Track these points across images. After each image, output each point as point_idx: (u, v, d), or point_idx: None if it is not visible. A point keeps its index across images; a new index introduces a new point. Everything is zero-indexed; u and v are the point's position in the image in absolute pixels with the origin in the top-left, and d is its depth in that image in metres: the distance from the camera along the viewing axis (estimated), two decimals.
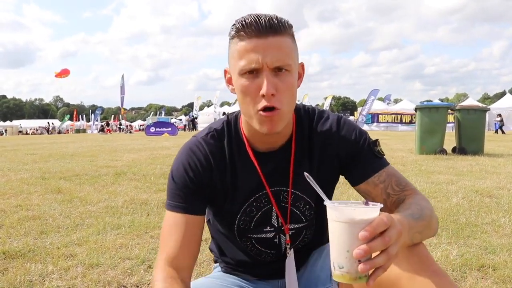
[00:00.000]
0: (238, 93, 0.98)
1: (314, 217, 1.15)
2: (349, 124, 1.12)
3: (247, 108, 0.98)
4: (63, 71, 33.96)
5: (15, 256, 2.32)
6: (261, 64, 0.92)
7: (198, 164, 1.07)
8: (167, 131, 23.72)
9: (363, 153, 1.08)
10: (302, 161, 1.10)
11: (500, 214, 3.23)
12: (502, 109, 27.24)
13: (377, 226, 0.73)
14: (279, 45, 0.93)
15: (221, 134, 1.11)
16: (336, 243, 0.76)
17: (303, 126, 1.11)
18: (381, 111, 32.55)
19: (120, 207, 3.59)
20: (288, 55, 0.95)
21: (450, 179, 4.97)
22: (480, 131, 8.49)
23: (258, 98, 0.94)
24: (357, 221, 0.74)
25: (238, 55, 0.94)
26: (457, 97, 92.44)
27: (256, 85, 0.94)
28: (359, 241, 0.73)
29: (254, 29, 0.92)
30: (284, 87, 0.95)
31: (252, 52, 0.92)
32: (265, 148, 1.09)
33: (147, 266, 2.16)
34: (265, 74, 0.93)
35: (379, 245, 0.73)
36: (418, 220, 0.93)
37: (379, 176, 1.06)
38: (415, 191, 1.07)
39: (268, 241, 1.14)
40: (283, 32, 0.94)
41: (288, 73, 0.95)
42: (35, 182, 5.02)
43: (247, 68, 0.93)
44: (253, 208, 1.11)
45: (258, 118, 0.96)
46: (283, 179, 1.10)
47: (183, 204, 1.05)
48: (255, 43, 0.92)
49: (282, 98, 0.95)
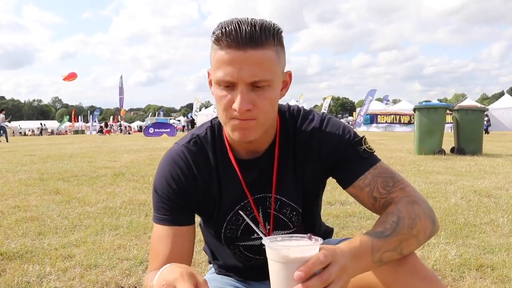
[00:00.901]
0: (215, 98, 0.94)
1: (302, 224, 1.12)
2: (333, 123, 1.07)
3: (221, 115, 0.94)
4: (71, 75, 33.81)
5: (13, 257, 2.31)
6: (236, 79, 0.87)
7: (180, 174, 1.03)
8: (165, 132, 23.73)
9: (347, 154, 1.03)
10: (287, 165, 1.06)
11: (498, 214, 3.23)
12: (500, 109, 27.31)
13: (313, 265, 0.70)
14: (258, 59, 0.87)
15: (204, 140, 1.07)
16: (275, 283, 0.74)
17: (288, 129, 1.07)
18: (379, 111, 32.60)
19: (118, 208, 3.58)
20: (268, 69, 0.89)
21: (449, 179, 4.97)
22: (478, 132, 8.50)
23: (231, 110, 0.90)
24: (292, 260, 0.70)
25: (216, 64, 0.90)
26: (455, 97, 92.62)
27: (231, 97, 0.90)
28: (295, 281, 0.70)
29: (233, 39, 0.86)
30: (262, 102, 0.90)
31: (229, 65, 0.87)
32: (248, 155, 1.05)
33: (145, 267, 2.15)
34: (239, 90, 0.88)
35: (317, 284, 0.70)
36: (388, 238, 0.87)
37: (364, 179, 1.00)
38: (405, 191, 0.99)
39: (256, 248, 1.11)
40: (265, 44, 0.88)
41: (267, 88, 0.90)
42: (33, 183, 5.01)
43: (222, 80, 0.89)
44: (239, 217, 1.08)
45: (231, 124, 0.93)
46: (268, 186, 1.07)
47: (169, 217, 1.02)
48: (232, 56, 0.87)
49: (259, 112, 0.91)
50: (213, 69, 0.92)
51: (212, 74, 0.94)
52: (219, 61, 0.89)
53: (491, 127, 25.67)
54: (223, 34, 0.87)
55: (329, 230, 1.32)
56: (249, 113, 0.89)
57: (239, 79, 0.87)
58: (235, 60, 0.87)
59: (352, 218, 3.15)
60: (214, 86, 0.93)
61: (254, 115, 0.91)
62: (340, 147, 1.03)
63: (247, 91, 0.88)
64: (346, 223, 3.02)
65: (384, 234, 0.87)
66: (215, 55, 0.90)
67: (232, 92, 0.90)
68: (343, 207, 3.49)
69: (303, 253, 0.71)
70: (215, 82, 0.92)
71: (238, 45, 0.86)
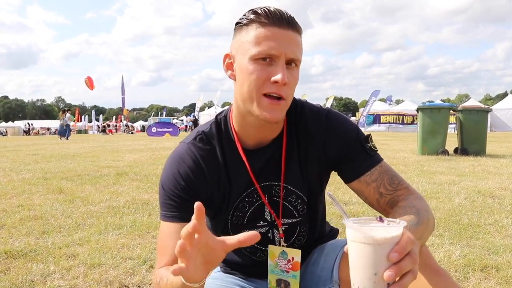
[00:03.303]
0: (244, 76, 0.97)
1: (307, 213, 1.14)
2: (339, 118, 1.10)
3: (250, 91, 0.96)
4: (90, 82, 34.21)
5: (17, 256, 2.32)
6: (280, 52, 0.94)
7: (189, 171, 1.04)
8: (168, 132, 23.75)
9: (354, 150, 1.06)
10: (293, 155, 1.09)
11: (502, 214, 3.21)
12: (504, 110, 27.20)
13: (406, 245, 0.69)
14: (296, 40, 0.97)
15: (210, 135, 1.09)
16: (360, 266, 0.70)
17: (294, 120, 1.10)
18: (382, 112, 32.48)
19: (121, 207, 3.59)
20: (300, 52, 0.99)
21: (452, 180, 4.95)
22: (482, 132, 8.45)
23: (267, 83, 0.95)
24: (383, 242, 0.69)
25: (256, 40, 0.95)
26: (458, 97, 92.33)
27: (268, 72, 0.94)
28: (386, 262, 0.68)
29: (277, 19, 0.94)
30: (292, 81, 0.97)
31: (273, 40, 0.93)
32: (256, 143, 1.08)
33: (149, 266, 2.15)
34: (281, 63, 0.94)
35: (408, 265, 0.69)
36: (418, 226, 0.90)
37: (371, 175, 1.04)
38: (409, 189, 1.04)
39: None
40: (299, 30, 0.98)
41: (296, 68, 0.98)
42: (37, 182, 5.02)
43: (264, 54, 0.94)
44: (245, 204, 1.10)
45: (261, 102, 0.96)
46: (275, 174, 1.09)
47: (178, 213, 1.02)
48: (277, 32, 0.94)
49: (289, 90, 0.97)
50: (248, 46, 0.96)
51: (243, 52, 0.97)
52: (260, 37, 0.94)
53: (494, 127, 25.58)
54: (267, 13, 0.95)
55: (334, 230, 1.32)
56: (284, 88, 0.95)
57: (282, 53, 0.94)
58: (280, 36, 0.94)
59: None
60: (250, 61, 0.96)
61: (286, 93, 0.96)
62: (347, 143, 1.06)
63: (285, 67, 0.95)
64: None
65: (413, 223, 0.90)
66: (254, 33, 0.95)
67: (269, 67, 0.95)
68: (347, 207, 3.48)
69: (392, 233, 0.70)
70: (250, 58, 0.95)
71: (282, 24, 0.95)
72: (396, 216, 0.92)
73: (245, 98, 0.99)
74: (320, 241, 1.21)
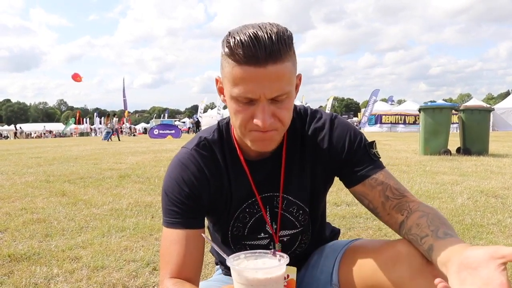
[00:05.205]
0: (231, 111, 0.93)
1: (309, 223, 1.13)
2: (343, 123, 1.07)
3: (239, 127, 0.93)
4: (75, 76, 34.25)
5: (20, 259, 2.32)
6: (259, 95, 0.86)
7: (193, 178, 1.02)
8: (170, 134, 23.78)
9: (359, 154, 1.04)
10: (294, 165, 1.07)
11: (506, 214, 3.21)
12: (506, 109, 27.14)
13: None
14: (278, 74, 0.84)
15: (213, 142, 1.06)
16: None
17: (296, 129, 1.07)
18: (384, 112, 32.45)
19: (124, 209, 3.60)
20: (287, 82, 0.87)
21: (455, 180, 4.94)
22: (484, 132, 8.43)
23: (251, 122, 0.90)
24: (257, 283, 0.67)
25: (233, 80, 0.86)
26: (460, 97, 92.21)
27: (251, 112, 0.89)
28: None
29: (252, 55, 0.82)
30: (282, 113, 0.90)
31: (249, 82, 0.84)
32: (257, 155, 1.06)
33: (152, 268, 2.16)
34: (260, 106, 0.87)
35: None
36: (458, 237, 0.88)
37: (376, 178, 1.02)
38: (413, 196, 1.03)
39: (262, 247, 1.11)
40: (283, 57, 0.85)
41: (286, 98, 0.89)
42: (40, 185, 5.04)
43: (243, 97, 0.87)
44: (246, 215, 1.09)
45: (251, 136, 0.93)
46: (275, 185, 1.07)
47: (181, 220, 1.01)
48: (252, 73, 0.83)
49: (279, 122, 0.91)
50: (228, 84, 0.89)
51: (227, 88, 0.90)
52: (237, 78, 0.85)
53: (497, 127, 25.52)
54: (239, 48, 0.83)
55: (335, 231, 1.32)
56: (271, 124, 0.89)
57: (260, 95, 0.86)
58: (256, 77, 0.84)
59: (358, 219, 3.13)
60: (231, 101, 0.90)
61: (275, 126, 0.91)
62: (352, 148, 1.05)
63: (268, 105, 0.88)
64: (353, 224, 3.01)
65: (455, 234, 0.88)
66: (231, 70, 0.86)
67: (251, 107, 0.88)
68: (349, 208, 3.47)
69: (266, 275, 0.68)
70: (232, 97, 0.89)
71: (257, 62, 0.83)
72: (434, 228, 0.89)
73: (236, 128, 0.96)
74: (321, 243, 1.21)
